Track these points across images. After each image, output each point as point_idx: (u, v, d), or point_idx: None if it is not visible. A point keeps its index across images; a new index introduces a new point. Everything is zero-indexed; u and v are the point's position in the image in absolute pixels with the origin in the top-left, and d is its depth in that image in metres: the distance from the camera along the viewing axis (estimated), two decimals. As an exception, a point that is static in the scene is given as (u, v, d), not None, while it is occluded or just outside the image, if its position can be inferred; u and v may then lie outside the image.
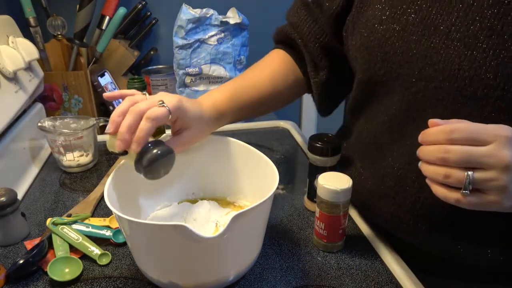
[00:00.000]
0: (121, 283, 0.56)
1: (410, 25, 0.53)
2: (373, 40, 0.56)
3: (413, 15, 0.52)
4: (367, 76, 0.59)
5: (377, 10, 0.57)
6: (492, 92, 0.47)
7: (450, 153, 0.42)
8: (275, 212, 0.71)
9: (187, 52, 1.10)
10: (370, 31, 0.57)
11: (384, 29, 0.55)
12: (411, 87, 0.53)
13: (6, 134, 0.79)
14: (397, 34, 0.53)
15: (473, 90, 0.48)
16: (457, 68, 0.48)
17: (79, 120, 0.85)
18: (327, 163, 0.65)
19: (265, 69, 0.75)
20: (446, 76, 0.49)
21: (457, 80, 0.48)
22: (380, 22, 0.56)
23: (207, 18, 1.09)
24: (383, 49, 0.55)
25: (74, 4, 1.13)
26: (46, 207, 0.73)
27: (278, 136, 1.01)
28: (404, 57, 0.53)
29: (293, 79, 0.75)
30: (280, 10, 0.82)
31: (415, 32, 0.52)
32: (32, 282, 0.56)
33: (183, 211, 0.63)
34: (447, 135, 0.43)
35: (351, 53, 0.63)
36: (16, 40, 0.83)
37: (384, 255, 0.61)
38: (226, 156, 0.64)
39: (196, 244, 0.46)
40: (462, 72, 0.48)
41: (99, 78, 1.14)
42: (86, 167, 0.85)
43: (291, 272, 0.58)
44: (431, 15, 0.51)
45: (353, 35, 0.61)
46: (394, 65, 0.54)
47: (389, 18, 0.55)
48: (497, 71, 0.46)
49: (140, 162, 0.52)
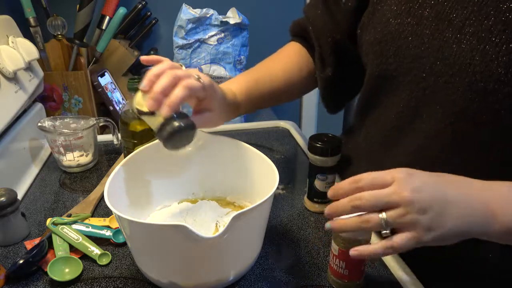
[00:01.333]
0: (121, 283, 0.56)
1: (424, 19, 0.53)
2: (386, 34, 0.57)
3: (428, 9, 0.53)
4: (378, 71, 0.59)
5: (393, 4, 0.57)
6: (502, 88, 0.47)
7: (362, 199, 0.45)
8: (275, 212, 0.71)
9: (187, 52, 1.10)
10: (385, 25, 0.57)
11: (398, 23, 0.55)
12: (421, 82, 0.53)
13: (6, 134, 0.79)
14: (411, 28, 0.54)
15: (483, 85, 0.47)
16: (468, 63, 0.48)
17: (79, 120, 0.85)
18: (327, 163, 0.65)
19: (280, 61, 0.76)
20: (456, 71, 0.49)
21: (468, 75, 0.48)
22: (395, 17, 0.56)
23: (207, 18, 1.09)
24: (396, 43, 0.55)
25: (74, 4, 1.13)
26: (46, 207, 0.73)
27: (278, 136, 1.01)
28: (417, 51, 0.53)
29: (306, 71, 0.76)
30: (280, 10, 0.82)
31: (428, 26, 0.52)
32: (32, 282, 0.56)
33: (183, 211, 0.63)
34: (356, 183, 0.46)
35: (364, 49, 0.63)
36: (16, 40, 0.83)
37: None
38: (226, 156, 0.64)
39: (196, 244, 0.46)
40: (473, 67, 0.48)
41: (99, 78, 1.14)
42: (86, 167, 0.85)
43: (291, 272, 0.58)
44: (445, 9, 0.51)
45: (368, 31, 0.62)
46: (406, 60, 0.54)
47: (404, 13, 0.55)
48: (509, 66, 0.46)
49: (163, 129, 0.51)
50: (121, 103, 1.21)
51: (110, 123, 0.85)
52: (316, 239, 0.64)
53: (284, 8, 0.78)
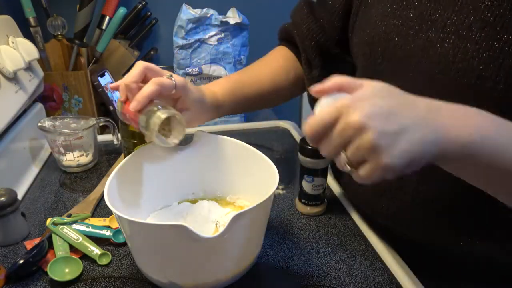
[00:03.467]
0: (121, 283, 0.56)
1: (409, 20, 0.54)
2: (374, 36, 0.58)
3: (412, 10, 0.54)
4: (367, 72, 0.60)
5: (380, 7, 0.58)
6: (484, 83, 0.47)
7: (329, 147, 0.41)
8: (275, 212, 0.70)
9: (187, 52, 1.10)
10: (372, 27, 0.58)
11: (385, 24, 0.56)
12: (408, 82, 0.53)
13: (6, 134, 0.79)
14: (397, 29, 0.55)
15: (466, 81, 0.48)
16: (451, 60, 0.49)
17: (79, 120, 0.85)
18: (318, 165, 0.65)
19: (267, 65, 0.77)
20: (441, 69, 0.50)
21: (451, 72, 0.49)
22: (381, 19, 0.57)
23: (207, 18, 1.09)
24: (383, 44, 0.56)
25: (74, 4, 1.13)
26: (46, 207, 0.73)
27: (278, 136, 1.01)
28: (403, 51, 0.54)
29: (294, 75, 0.77)
30: (280, 10, 0.83)
31: (413, 27, 0.53)
32: (32, 282, 0.56)
33: (183, 211, 0.63)
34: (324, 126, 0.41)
35: (354, 51, 0.65)
36: (16, 40, 0.83)
37: (384, 255, 0.61)
38: (226, 156, 0.64)
39: (196, 244, 0.46)
40: (456, 64, 0.49)
41: (99, 78, 1.14)
42: (86, 167, 0.85)
43: (291, 272, 0.58)
44: (428, 10, 0.52)
45: (356, 33, 0.63)
46: (393, 60, 0.55)
47: (390, 14, 0.56)
48: (489, 62, 0.47)
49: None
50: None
51: (110, 123, 0.85)
52: (316, 239, 0.64)
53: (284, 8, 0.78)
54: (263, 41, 1.03)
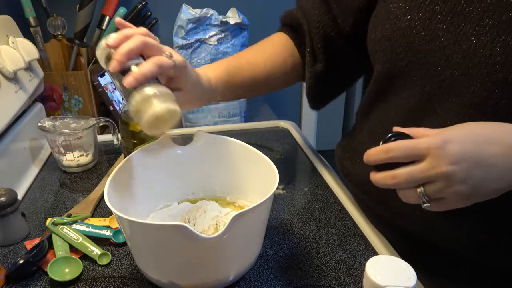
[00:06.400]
0: (121, 283, 0.56)
1: (437, 14, 0.53)
2: (396, 30, 0.56)
3: (440, 5, 0.53)
4: (387, 68, 0.59)
5: (400, 1, 0.57)
6: None
7: (397, 178, 0.45)
8: (275, 212, 0.71)
9: (187, 52, 1.10)
10: (393, 22, 0.57)
11: (408, 19, 0.55)
12: (436, 76, 0.53)
13: (6, 134, 0.79)
14: (423, 23, 0.54)
15: (504, 75, 0.47)
16: (488, 54, 0.48)
17: (79, 120, 0.85)
18: None
19: (263, 51, 0.74)
20: (476, 62, 0.49)
21: (487, 66, 0.48)
22: (403, 13, 0.56)
23: (207, 18, 1.09)
24: (406, 39, 0.55)
25: (74, 4, 1.13)
26: (46, 207, 0.73)
27: (278, 136, 1.01)
28: (431, 45, 0.53)
29: (291, 64, 0.75)
30: (280, 10, 0.82)
31: (443, 21, 0.52)
32: (32, 282, 0.56)
33: (183, 211, 0.63)
34: (386, 154, 0.46)
35: (371, 47, 0.63)
36: (16, 40, 0.83)
37: (384, 254, 0.60)
38: (226, 156, 0.64)
39: (196, 244, 0.46)
40: (494, 58, 0.48)
41: (99, 78, 1.14)
42: (86, 167, 0.85)
43: (291, 272, 0.58)
44: (460, 3, 0.51)
45: (374, 29, 0.61)
46: (419, 54, 0.54)
47: (414, 8, 0.55)
48: None
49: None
50: (121, 103, 1.21)
51: (110, 123, 0.85)
52: (316, 239, 0.64)
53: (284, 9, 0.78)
54: (263, 41, 1.03)
